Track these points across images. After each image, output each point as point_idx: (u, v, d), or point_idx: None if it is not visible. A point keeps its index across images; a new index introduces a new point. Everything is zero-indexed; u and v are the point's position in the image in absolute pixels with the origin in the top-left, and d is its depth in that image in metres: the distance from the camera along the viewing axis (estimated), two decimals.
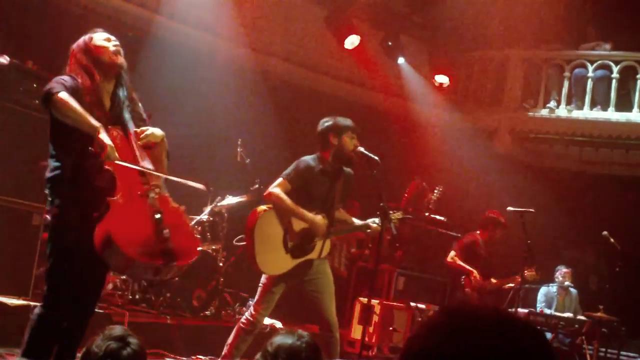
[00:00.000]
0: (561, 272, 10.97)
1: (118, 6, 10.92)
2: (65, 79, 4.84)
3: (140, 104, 5.33)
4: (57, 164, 4.86)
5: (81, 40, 5.13)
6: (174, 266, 4.82)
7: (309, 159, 6.39)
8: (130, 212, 4.74)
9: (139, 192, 4.84)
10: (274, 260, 6.23)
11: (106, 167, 4.70)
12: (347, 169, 6.55)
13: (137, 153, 4.96)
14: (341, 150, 6.41)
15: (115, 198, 4.71)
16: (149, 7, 11.17)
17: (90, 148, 4.72)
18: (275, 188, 6.21)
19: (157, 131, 5.14)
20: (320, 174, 6.33)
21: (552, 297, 10.98)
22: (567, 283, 11.04)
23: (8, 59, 7.82)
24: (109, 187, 4.76)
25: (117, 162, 4.73)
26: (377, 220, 6.42)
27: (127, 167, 4.79)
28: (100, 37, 5.13)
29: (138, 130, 5.02)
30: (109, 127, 4.85)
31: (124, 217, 4.68)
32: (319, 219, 6.28)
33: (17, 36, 9.07)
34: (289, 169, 6.33)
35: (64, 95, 4.67)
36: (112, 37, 5.17)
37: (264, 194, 6.35)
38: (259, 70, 12.22)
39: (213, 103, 11.28)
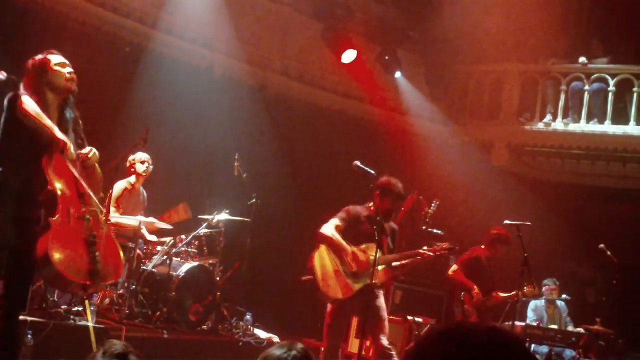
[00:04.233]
0: (548, 287, 10.96)
1: (116, 21, 10.95)
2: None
3: (81, 126, 5.64)
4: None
5: (37, 59, 5.40)
6: (101, 285, 5.46)
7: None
8: (67, 233, 5.11)
9: (76, 214, 5.18)
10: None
11: (49, 187, 5.08)
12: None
13: (77, 175, 5.29)
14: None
15: (55, 218, 5.07)
16: (146, 23, 11.21)
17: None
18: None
19: (96, 152, 5.48)
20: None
21: (541, 311, 10.98)
22: (563, 295, 11.04)
23: (5, 74, 7.83)
24: (49, 203, 5.12)
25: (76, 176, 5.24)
26: (425, 248, 7.21)
27: (72, 184, 5.22)
28: (56, 61, 5.39)
29: (83, 152, 5.34)
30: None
31: (62, 237, 5.06)
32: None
33: (14, 52, 9.09)
34: None
35: (26, 98, 5.10)
36: (67, 62, 5.49)
37: None
38: (256, 85, 12.27)
39: (210, 117, 11.31)
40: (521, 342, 1.57)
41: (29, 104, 5.09)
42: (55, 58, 5.42)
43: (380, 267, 6.96)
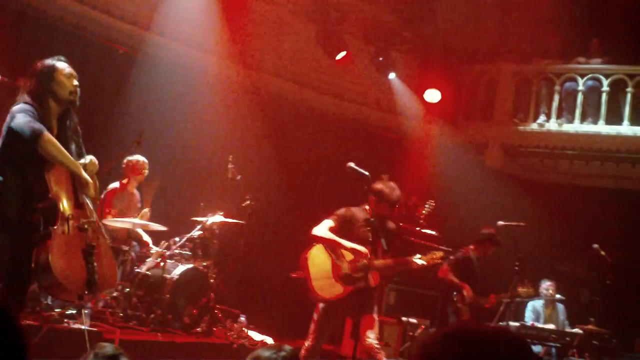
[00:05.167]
0: (545, 286, 10.99)
1: (110, 24, 10.94)
2: (30, 109, 5.16)
3: (79, 135, 5.66)
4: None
5: (46, 64, 5.37)
6: (97, 295, 5.54)
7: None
8: (67, 243, 5.14)
9: (76, 224, 5.20)
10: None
11: (50, 196, 5.13)
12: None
13: (77, 186, 5.34)
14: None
15: (56, 227, 5.11)
16: (140, 25, 11.19)
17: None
18: None
19: (96, 161, 5.53)
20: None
21: (539, 311, 11.00)
22: (557, 295, 11.06)
23: None
24: (50, 212, 5.16)
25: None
26: (419, 256, 6.97)
27: (73, 194, 5.28)
28: (63, 72, 5.38)
29: (82, 161, 5.42)
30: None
31: (62, 246, 5.10)
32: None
33: (8, 54, 9.09)
34: None
35: (49, 136, 5.10)
36: (75, 74, 5.46)
37: None
38: (250, 87, 12.26)
39: (204, 120, 11.32)
40: (526, 343, 1.60)
41: (52, 142, 5.13)
42: (65, 68, 5.39)
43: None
